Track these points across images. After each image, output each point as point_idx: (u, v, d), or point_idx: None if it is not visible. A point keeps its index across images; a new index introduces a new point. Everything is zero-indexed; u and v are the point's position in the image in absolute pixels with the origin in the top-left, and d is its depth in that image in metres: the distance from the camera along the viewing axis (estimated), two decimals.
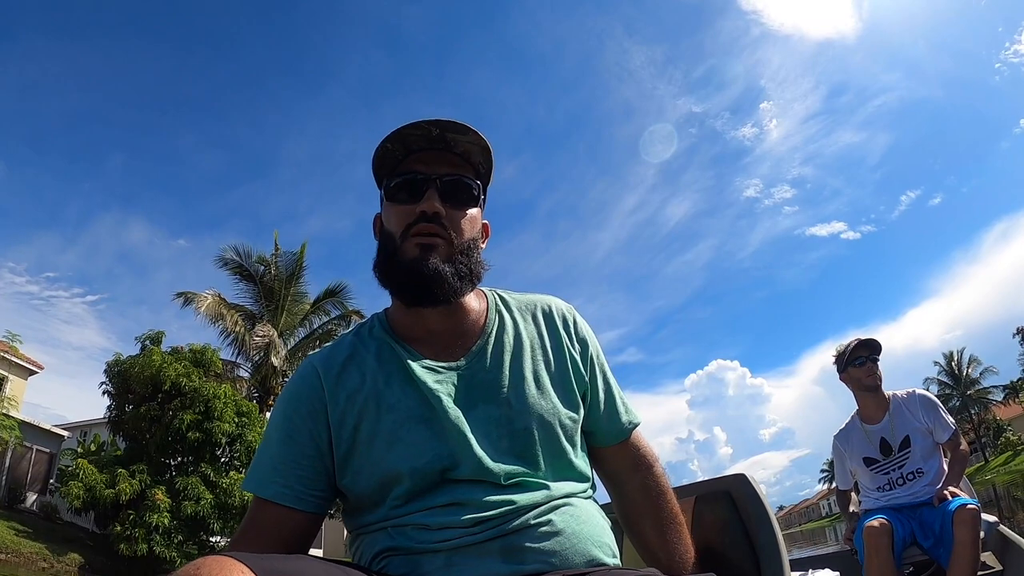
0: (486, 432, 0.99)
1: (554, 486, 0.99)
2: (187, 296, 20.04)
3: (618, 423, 1.15)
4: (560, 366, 1.10)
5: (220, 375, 17.77)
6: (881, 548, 2.59)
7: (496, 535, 0.91)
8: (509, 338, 1.09)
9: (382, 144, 1.05)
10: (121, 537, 13.19)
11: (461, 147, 1.06)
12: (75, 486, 13.62)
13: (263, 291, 21.70)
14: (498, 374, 1.04)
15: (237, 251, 21.85)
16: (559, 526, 0.95)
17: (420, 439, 0.97)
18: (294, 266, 22.23)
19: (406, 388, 1.01)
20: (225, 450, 16.05)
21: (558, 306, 1.18)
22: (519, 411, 1.01)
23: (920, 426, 2.91)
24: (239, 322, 20.35)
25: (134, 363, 15.90)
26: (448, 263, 1.01)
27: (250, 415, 16.49)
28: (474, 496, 0.94)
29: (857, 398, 3.08)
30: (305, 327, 22.51)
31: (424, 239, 1.01)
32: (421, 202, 1.02)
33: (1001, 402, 49.87)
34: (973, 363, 51.99)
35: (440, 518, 0.93)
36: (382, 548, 0.95)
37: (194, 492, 14.24)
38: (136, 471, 14.46)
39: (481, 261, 1.08)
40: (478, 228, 1.10)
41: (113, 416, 16.60)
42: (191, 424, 14.94)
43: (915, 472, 2.88)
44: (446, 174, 1.04)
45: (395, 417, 0.99)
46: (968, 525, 2.52)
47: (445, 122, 1.03)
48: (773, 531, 1.30)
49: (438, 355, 1.05)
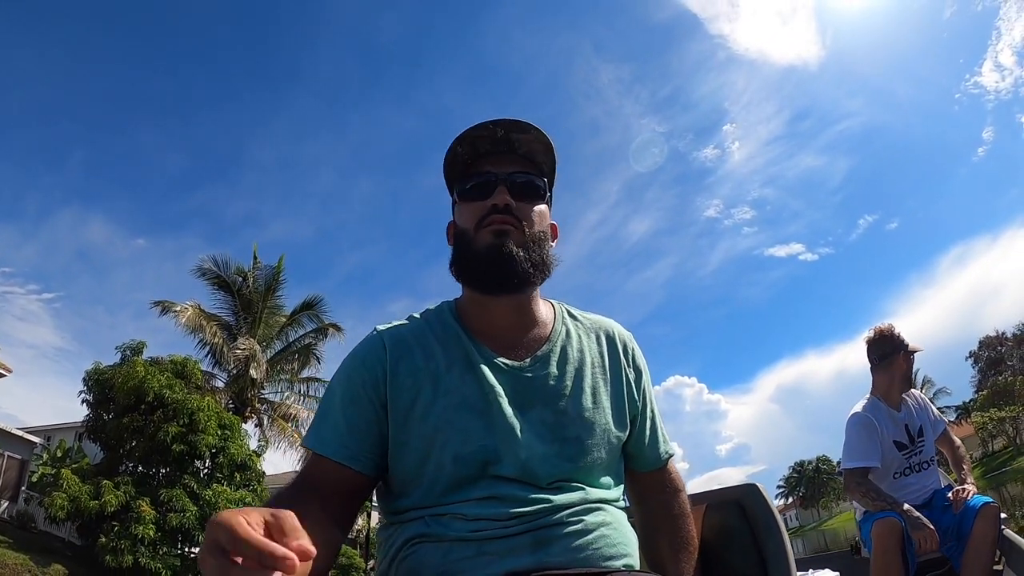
0: (538, 434, 1.02)
1: (590, 491, 1.03)
2: (164, 305, 19.97)
3: (656, 452, 1.20)
4: (616, 387, 1.14)
5: (201, 387, 17.83)
6: (891, 548, 2.54)
7: (528, 529, 0.95)
8: (573, 350, 1.12)
9: (451, 148, 1.10)
10: (107, 548, 13.24)
11: (525, 147, 1.10)
12: (59, 496, 13.61)
13: (241, 303, 21.79)
14: (559, 381, 1.07)
15: (215, 261, 21.96)
16: (591, 525, 0.99)
17: (470, 427, 1.00)
18: (272, 278, 22.41)
19: (466, 377, 1.04)
20: (207, 462, 16.14)
21: (620, 332, 1.23)
22: (573, 419, 1.04)
23: (928, 419, 3.05)
24: (217, 333, 20.40)
25: (116, 373, 15.85)
26: (522, 248, 1.04)
27: (232, 428, 16.60)
28: (513, 493, 0.97)
29: (890, 385, 3.04)
30: (282, 339, 22.68)
31: (498, 226, 1.05)
32: (492, 196, 1.06)
33: (954, 422, 51.75)
34: (927, 384, 53.52)
35: (477, 510, 0.96)
36: (414, 534, 0.98)
37: (179, 504, 14.35)
38: (121, 482, 14.51)
39: (552, 255, 1.11)
40: (547, 223, 1.13)
41: (91, 425, 16.51)
42: (175, 436, 15.01)
43: (928, 461, 2.97)
44: (514, 172, 1.09)
45: (449, 401, 1.02)
46: (992, 522, 2.56)
47: (508, 122, 1.07)
48: (782, 540, 1.36)
49: (503, 352, 1.08)
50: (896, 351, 3.03)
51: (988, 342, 51.18)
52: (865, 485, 2.82)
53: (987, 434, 45.72)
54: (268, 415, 21.02)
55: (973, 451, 45.23)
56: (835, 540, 34.36)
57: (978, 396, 46.93)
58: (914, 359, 3.05)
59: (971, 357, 51.79)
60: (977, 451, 45.18)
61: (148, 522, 13.77)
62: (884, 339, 3.08)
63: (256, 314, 21.84)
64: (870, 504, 2.77)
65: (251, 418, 19.71)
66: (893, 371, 3.03)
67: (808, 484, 78.88)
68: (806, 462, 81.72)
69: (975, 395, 47.60)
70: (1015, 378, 44.61)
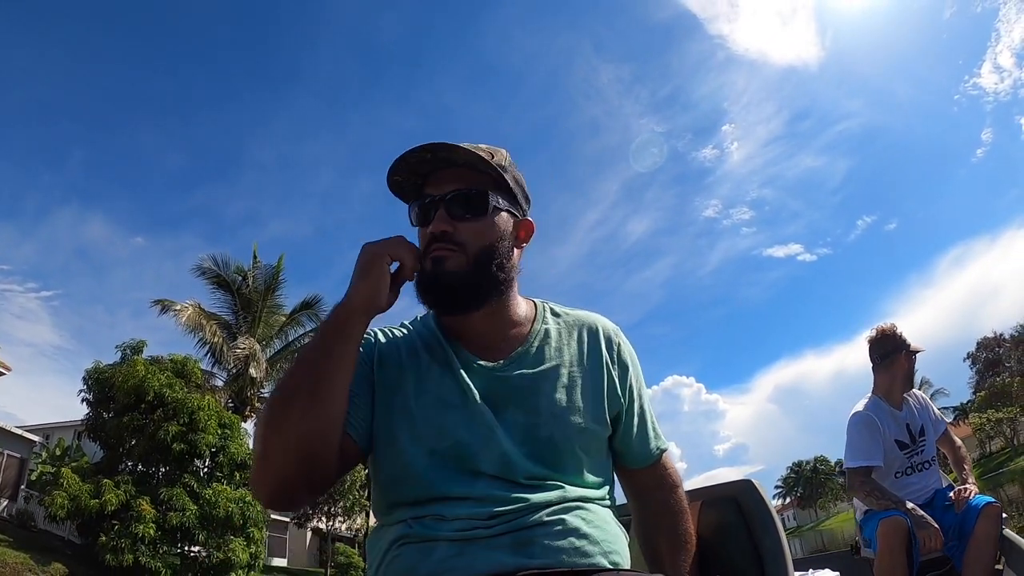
0: (511, 434, 1.03)
1: (569, 489, 1.03)
2: (164, 304, 20.01)
3: (646, 448, 1.19)
4: (596, 383, 1.13)
5: (200, 386, 17.86)
6: (896, 547, 2.53)
7: (508, 530, 0.95)
8: (551, 349, 1.13)
9: (390, 179, 1.10)
10: (107, 547, 13.27)
11: (462, 159, 1.07)
12: (59, 495, 13.63)
13: (241, 302, 21.82)
14: (532, 381, 1.08)
15: (215, 260, 22.01)
16: (571, 525, 0.98)
17: (446, 423, 1.02)
18: (271, 278, 22.45)
19: (444, 378, 1.07)
20: (207, 461, 16.17)
21: (604, 327, 1.21)
22: (546, 420, 1.04)
23: (930, 419, 3.05)
24: (217, 332, 20.43)
25: (116, 372, 15.88)
26: (463, 271, 1.04)
27: (232, 427, 16.64)
28: (492, 492, 0.98)
29: (892, 385, 3.05)
30: (281, 339, 22.73)
31: (434, 254, 1.05)
32: (430, 225, 1.07)
33: (951, 423, 51.00)
34: (924, 385, 53.48)
35: (456, 509, 0.97)
36: (398, 536, 0.99)
37: (179, 503, 14.37)
38: (121, 481, 14.53)
39: (507, 264, 1.10)
40: (499, 232, 1.09)
41: (90, 423, 16.54)
42: (176, 435, 15.04)
43: (929, 461, 2.98)
44: (451, 192, 1.07)
45: (428, 399, 1.05)
46: (994, 521, 2.57)
47: (436, 144, 1.05)
48: (778, 536, 1.36)
49: (480, 353, 1.10)
50: (898, 350, 3.04)
51: (986, 343, 51.36)
52: (869, 484, 2.80)
53: (984, 435, 45.93)
54: None
55: (971, 452, 45.07)
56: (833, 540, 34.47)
57: (976, 397, 47.11)
58: (916, 359, 3.06)
59: (969, 358, 51.99)
60: (975, 452, 45.36)
61: (148, 521, 13.80)
62: (886, 338, 3.09)
63: (256, 313, 21.88)
64: (874, 503, 2.75)
65: (251, 417, 19.72)
66: (895, 370, 3.03)
67: (806, 484, 79.07)
68: (804, 462, 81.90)
69: (973, 396, 47.81)
70: (1013, 379, 44.86)
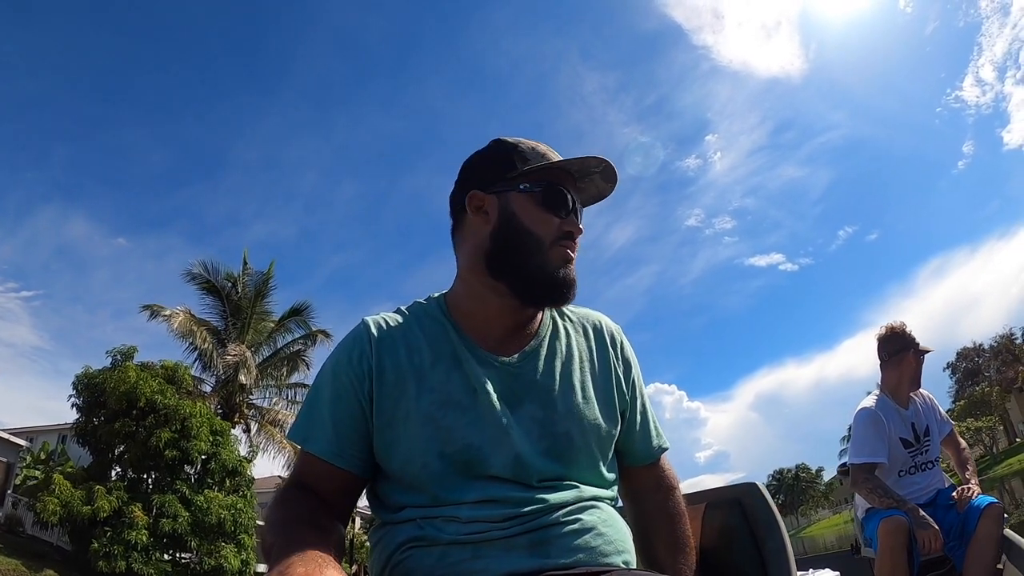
0: (527, 430, 1.00)
1: (584, 489, 1.01)
2: (154, 309, 19.95)
3: (649, 446, 1.18)
4: (605, 381, 1.12)
5: (191, 392, 17.87)
6: (897, 547, 2.53)
7: (524, 531, 0.93)
8: (562, 345, 1.11)
9: (583, 162, 1.07)
10: (99, 554, 13.29)
11: (595, 189, 1.13)
12: (51, 501, 13.63)
13: (231, 308, 21.82)
14: (548, 377, 1.06)
15: (205, 266, 21.92)
16: (588, 524, 0.97)
17: (454, 425, 0.98)
18: (262, 284, 22.46)
19: (452, 373, 1.02)
20: (199, 468, 16.19)
21: (608, 325, 1.22)
22: (563, 415, 1.02)
23: (935, 419, 3.07)
24: (207, 338, 20.43)
25: (108, 377, 15.85)
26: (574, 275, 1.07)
27: (224, 434, 16.68)
28: (507, 494, 0.96)
29: (899, 383, 3.06)
30: (270, 345, 22.71)
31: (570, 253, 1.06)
32: (577, 221, 1.08)
33: None
34: None
35: (471, 512, 0.94)
36: (407, 538, 0.96)
37: (171, 510, 14.41)
38: (113, 488, 14.53)
39: None
40: None
41: (80, 428, 16.48)
42: (168, 442, 15.06)
43: (932, 461, 2.98)
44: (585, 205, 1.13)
45: (433, 399, 1.00)
46: (996, 521, 2.58)
47: (609, 163, 1.07)
48: (782, 538, 1.35)
49: (491, 347, 1.06)
50: (906, 349, 3.06)
51: (966, 353, 52.07)
52: (872, 481, 2.81)
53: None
54: (256, 420, 21.04)
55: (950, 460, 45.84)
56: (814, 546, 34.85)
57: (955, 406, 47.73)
58: (924, 359, 3.08)
59: (949, 368, 52.60)
60: None
61: (141, 528, 13.83)
62: (895, 336, 3.11)
63: (245, 319, 21.88)
64: (877, 501, 2.75)
65: (239, 423, 19.73)
66: (902, 369, 3.05)
67: (788, 492, 79.75)
68: (785, 470, 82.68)
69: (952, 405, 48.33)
70: (992, 389, 45.45)
